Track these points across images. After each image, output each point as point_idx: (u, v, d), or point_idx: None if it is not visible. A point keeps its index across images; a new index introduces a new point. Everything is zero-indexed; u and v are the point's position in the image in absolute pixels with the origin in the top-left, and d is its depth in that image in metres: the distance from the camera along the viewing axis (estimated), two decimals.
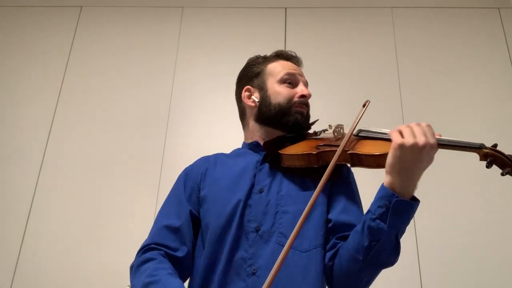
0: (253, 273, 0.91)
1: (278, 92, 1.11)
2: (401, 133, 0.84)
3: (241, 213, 0.97)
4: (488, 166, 0.80)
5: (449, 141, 0.84)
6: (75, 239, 2.06)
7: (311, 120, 1.14)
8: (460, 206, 2.05)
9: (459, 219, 2.03)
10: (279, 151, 1.03)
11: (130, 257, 1.00)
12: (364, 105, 1.03)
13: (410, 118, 2.22)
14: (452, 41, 2.44)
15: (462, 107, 2.26)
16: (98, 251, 2.03)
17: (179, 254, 0.97)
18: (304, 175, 1.01)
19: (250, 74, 1.19)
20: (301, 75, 1.17)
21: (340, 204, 1.00)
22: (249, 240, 0.94)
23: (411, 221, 2.21)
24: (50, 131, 2.31)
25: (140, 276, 0.92)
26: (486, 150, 0.81)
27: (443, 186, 2.09)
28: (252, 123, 1.15)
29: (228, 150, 1.20)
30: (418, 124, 0.83)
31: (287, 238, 0.90)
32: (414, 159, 0.81)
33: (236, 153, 1.16)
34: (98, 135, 2.29)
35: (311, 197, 0.93)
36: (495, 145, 0.82)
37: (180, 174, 1.13)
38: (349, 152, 0.93)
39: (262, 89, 1.14)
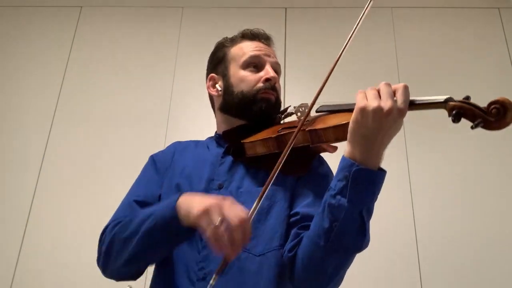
0: (203, 278, 0.82)
1: (241, 79, 1.00)
2: (366, 96, 0.73)
3: None
4: (454, 120, 0.69)
5: (417, 100, 0.73)
6: (75, 239, 2.06)
7: (285, 106, 1.03)
8: (461, 205, 2.05)
9: (459, 218, 2.03)
10: (241, 141, 0.93)
11: None
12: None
13: (410, 118, 2.22)
14: (452, 41, 2.44)
15: None
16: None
17: None
18: (268, 166, 0.86)
19: (215, 60, 1.09)
20: (269, 55, 1.04)
21: (307, 199, 0.88)
22: (202, 242, 0.84)
23: (411, 222, 2.22)
24: (50, 131, 2.31)
25: (119, 229, 0.86)
26: (453, 103, 0.71)
27: (443, 185, 2.09)
28: (218, 114, 1.07)
29: None
30: (387, 85, 0.72)
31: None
32: (377, 125, 0.70)
33: (206, 143, 1.08)
34: (98, 135, 2.29)
35: (268, 193, 0.82)
36: (467, 97, 0.72)
37: (150, 157, 1.08)
38: (307, 129, 0.82)
39: (225, 76, 1.03)
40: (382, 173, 0.74)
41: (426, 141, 2.20)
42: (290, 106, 1.00)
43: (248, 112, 0.99)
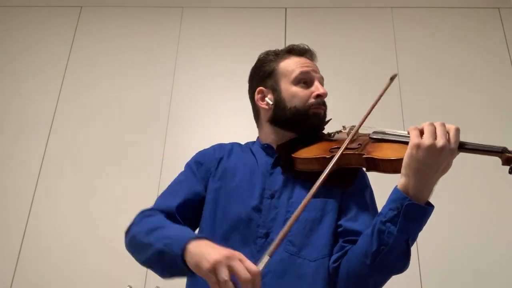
0: None
1: (293, 95, 1.04)
2: (421, 133, 0.79)
3: (250, 217, 0.95)
4: (511, 172, 0.75)
5: (471, 144, 0.79)
6: (75, 239, 2.06)
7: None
8: (461, 206, 2.05)
9: (460, 219, 2.03)
10: (292, 155, 0.99)
11: (130, 256, 1.00)
12: (391, 79, 0.98)
13: (410, 118, 2.23)
14: (452, 41, 2.44)
15: (462, 107, 2.26)
16: (98, 251, 2.03)
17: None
18: (316, 179, 0.95)
19: (262, 74, 1.11)
20: (316, 71, 1.09)
21: (350, 212, 0.95)
22: (257, 245, 0.92)
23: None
24: (50, 131, 2.31)
25: (143, 225, 0.90)
26: (509, 155, 0.76)
27: (443, 185, 2.09)
28: (266, 125, 1.10)
29: None
30: (442, 125, 0.78)
31: (296, 247, 0.91)
32: (430, 162, 0.76)
33: (250, 148, 1.12)
34: (98, 134, 2.29)
35: (320, 204, 0.94)
36: None
37: (194, 156, 1.12)
38: (365, 156, 0.88)
39: (276, 90, 1.07)
40: (431, 208, 0.80)
41: None
42: (330, 119, 1.07)
43: (301, 126, 1.04)
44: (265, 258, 0.68)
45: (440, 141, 0.76)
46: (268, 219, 0.94)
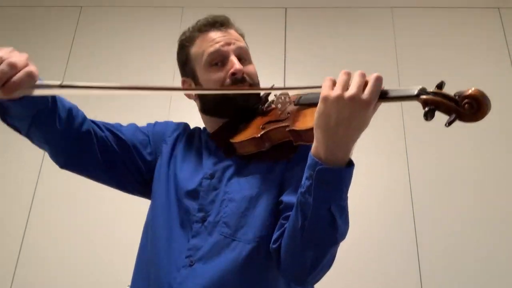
0: (190, 265, 0.83)
1: (207, 80, 0.95)
2: (334, 84, 0.68)
3: (186, 203, 0.90)
4: (427, 118, 0.63)
5: (389, 92, 0.67)
6: (75, 239, 2.06)
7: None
8: (460, 205, 2.05)
9: (460, 217, 2.03)
10: (230, 140, 0.91)
11: (130, 256, 1.00)
12: None
13: (410, 118, 2.23)
14: (452, 41, 2.44)
15: None
16: (97, 251, 2.03)
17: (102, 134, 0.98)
18: (257, 158, 0.89)
19: (181, 63, 1.04)
20: (229, 43, 0.97)
21: (290, 186, 0.85)
22: (193, 230, 0.86)
23: (411, 221, 2.21)
24: None
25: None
26: (425, 97, 0.65)
27: (443, 185, 2.09)
28: (201, 115, 1.04)
29: None
30: (361, 74, 0.66)
31: (230, 229, 0.84)
32: (339, 115, 0.65)
33: (199, 134, 1.07)
34: None
35: (257, 181, 0.86)
36: (440, 85, 0.67)
37: (158, 124, 1.12)
38: (288, 129, 0.79)
39: (194, 78, 0.99)
40: (348, 169, 0.70)
41: (426, 138, 2.19)
42: (273, 84, 0.94)
43: (226, 111, 0.96)
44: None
45: (350, 91, 0.65)
46: (206, 202, 0.89)
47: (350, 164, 0.71)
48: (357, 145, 0.71)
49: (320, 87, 0.70)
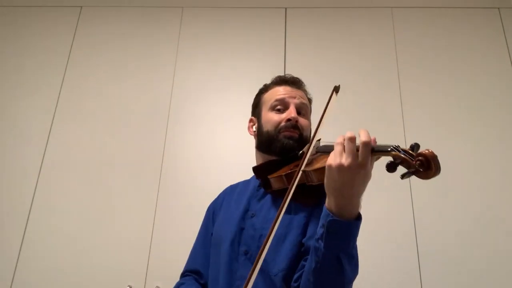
0: None
1: (267, 120, 1.14)
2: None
3: (234, 237, 1.03)
4: (389, 169, 0.72)
5: (377, 147, 0.76)
6: (75, 239, 2.06)
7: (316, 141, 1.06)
8: (460, 205, 2.05)
9: (460, 217, 2.03)
10: (268, 176, 1.04)
11: (130, 256, 1.01)
12: (335, 90, 0.96)
13: (410, 118, 2.23)
14: (452, 41, 2.44)
15: (461, 107, 2.26)
16: (98, 251, 2.03)
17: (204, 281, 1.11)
18: (294, 199, 0.96)
19: (253, 104, 1.24)
20: (294, 96, 1.15)
21: (311, 230, 0.96)
22: (239, 263, 1.00)
23: (411, 219, 2.21)
24: (50, 131, 2.31)
25: None
26: (394, 153, 0.72)
27: (443, 185, 2.09)
28: (256, 152, 1.20)
29: (227, 149, 1.21)
30: (350, 141, 0.77)
31: (265, 262, 0.94)
32: (343, 180, 0.77)
33: (251, 179, 1.23)
34: (98, 134, 2.29)
35: (289, 220, 0.98)
36: (413, 147, 0.72)
37: (211, 203, 1.28)
38: (303, 169, 0.88)
39: (258, 118, 1.18)
40: (356, 222, 0.80)
41: (426, 136, 2.19)
42: (320, 139, 1.04)
43: (273, 149, 1.10)
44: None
45: (347, 160, 0.76)
46: (248, 237, 1.02)
47: (358, 218, 0.81)
48: None
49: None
